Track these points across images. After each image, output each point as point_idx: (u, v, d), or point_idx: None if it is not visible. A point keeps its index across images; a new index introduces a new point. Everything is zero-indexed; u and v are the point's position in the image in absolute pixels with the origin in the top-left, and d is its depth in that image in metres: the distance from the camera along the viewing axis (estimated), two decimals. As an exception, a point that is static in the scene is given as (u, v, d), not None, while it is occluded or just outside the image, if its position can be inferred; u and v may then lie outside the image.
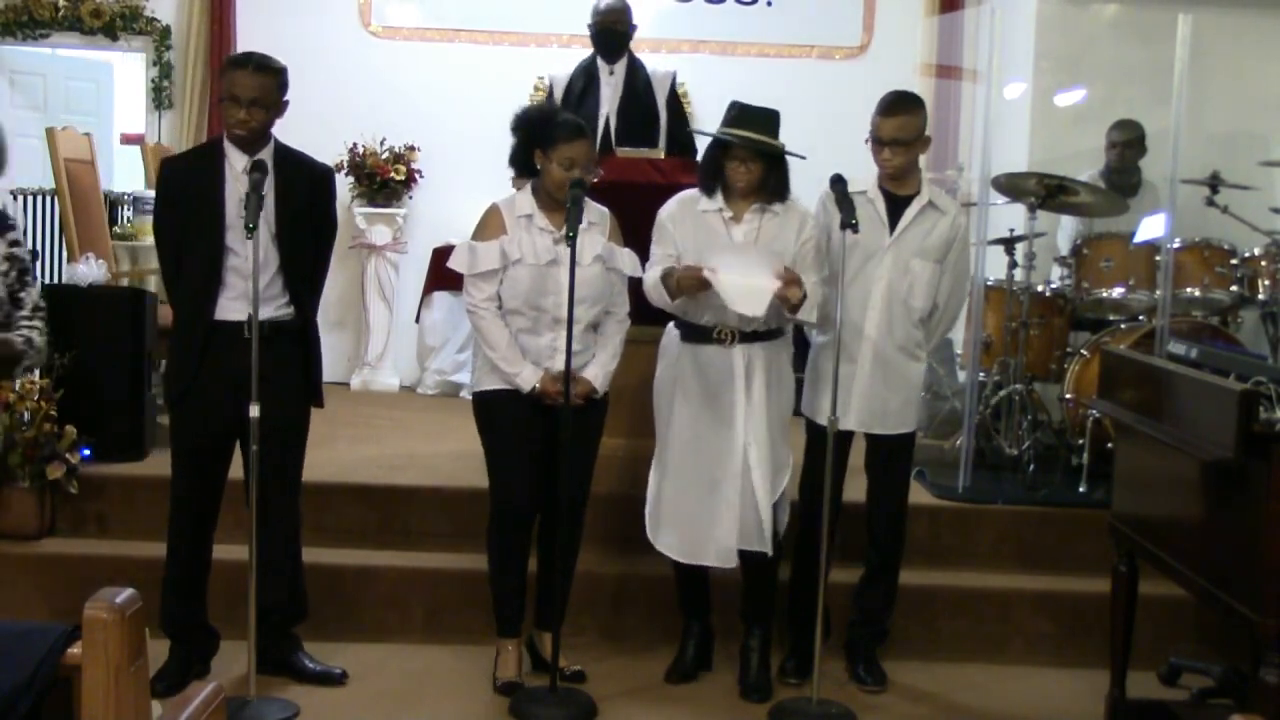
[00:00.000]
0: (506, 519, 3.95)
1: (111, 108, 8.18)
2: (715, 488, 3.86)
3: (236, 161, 3.78)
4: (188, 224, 3.79)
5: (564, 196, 3.77)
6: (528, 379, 3.83)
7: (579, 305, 3.79)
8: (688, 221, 3.91)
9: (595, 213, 3.94)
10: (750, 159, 3.81)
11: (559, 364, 3.82)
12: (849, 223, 3.71)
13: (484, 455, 3.98)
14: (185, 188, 3.81)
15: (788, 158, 3.88)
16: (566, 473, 3.80)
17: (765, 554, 3.87)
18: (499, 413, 3.90)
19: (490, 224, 3.91)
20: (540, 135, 3.88)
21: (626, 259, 3.95)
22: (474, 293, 3.89)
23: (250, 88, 3.72)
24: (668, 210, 3.96)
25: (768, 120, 3.85)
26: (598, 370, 3.90)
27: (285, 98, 3.81)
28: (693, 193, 3.95)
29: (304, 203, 3.85)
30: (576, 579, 4.12)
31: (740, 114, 3.85)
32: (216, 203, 3.75)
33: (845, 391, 3.99)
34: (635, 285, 3.99)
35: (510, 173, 4.17)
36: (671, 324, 3.98)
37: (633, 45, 5.63)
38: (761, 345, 3.88)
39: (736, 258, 3.76)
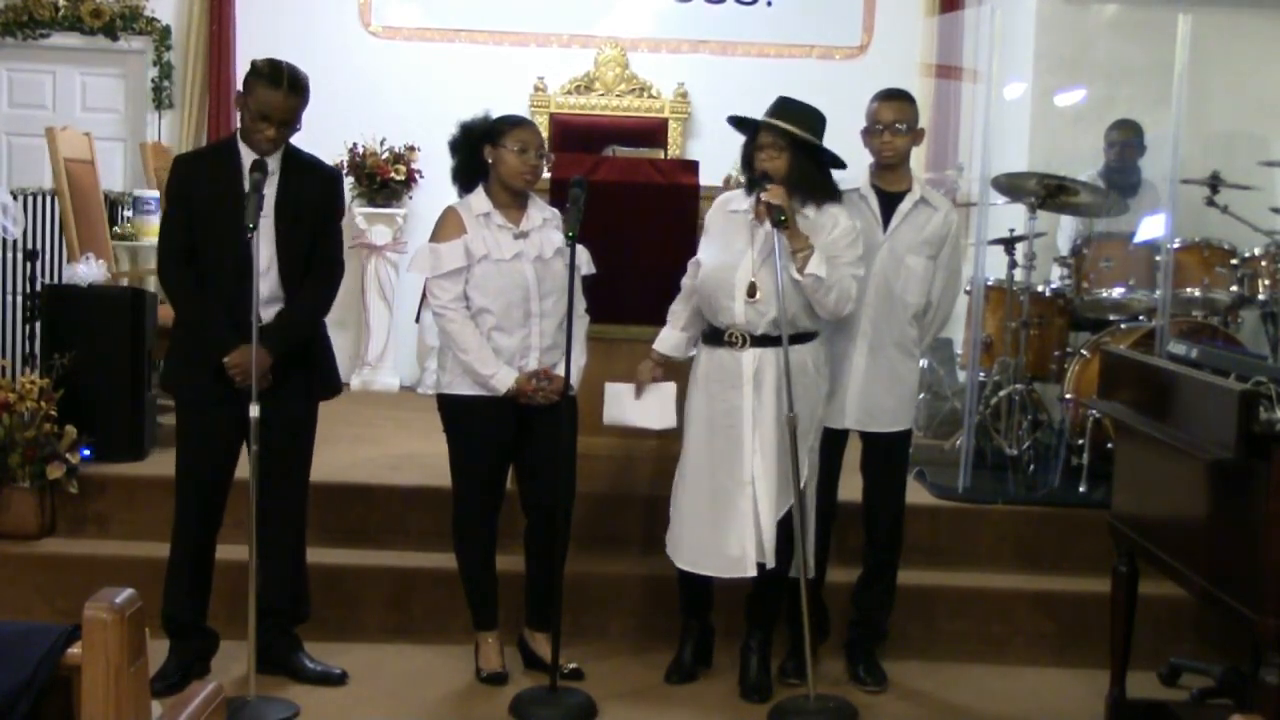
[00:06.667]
0: (473, 516, 3.97)
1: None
2: (723, 495, 3.82)
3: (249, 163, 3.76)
4: (199, 224, 3.75)
5: (520, 184, 3.87)
6: (503, 380, 3.83)
7: (548, 298, 3.86)
8: (719, 221, 3.92)
9: (549, 211, 3.99)
10: (774, 147, 3.78)
11: (532, 362, 3.85)
12: (779, 221, 3.69)
13: (448, 453, 3.99)
14: (198, 187, 3.77)
15: (828, 165, 3.86)
16: (554, 473, 3.82)
17: (775, 565, 3.82)
18: (468, 415, 3.90)
19: (449, 225, 3.91)
20: (486, 133, 3.91)
21: (582, 255, 3.95)
22: (440, 294, 3.88)
23: (284, 110, 3.70)
24: (710, 211, 3.99)
25: (805, 116, 3.84)
26: (571, 367, 3.87)
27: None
28: (735, 192, 3.98)
29: (309, 205, 3.82)
30: (575, 579, 4.11)
31: (780, 106, 3.85)
32: (232, 206, 3.69)
33: (840, 390, 4.00)
34: (591, 281, 4.00)
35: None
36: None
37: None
38: (775, 350, 3.76)
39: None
